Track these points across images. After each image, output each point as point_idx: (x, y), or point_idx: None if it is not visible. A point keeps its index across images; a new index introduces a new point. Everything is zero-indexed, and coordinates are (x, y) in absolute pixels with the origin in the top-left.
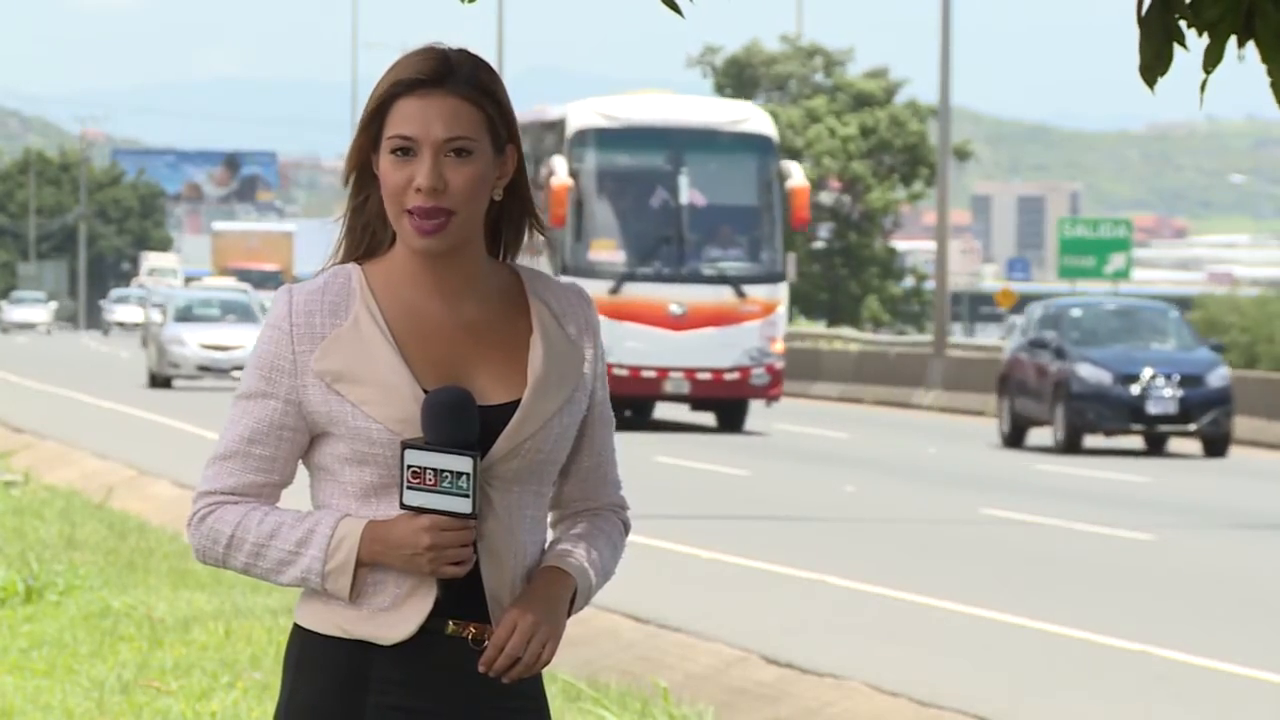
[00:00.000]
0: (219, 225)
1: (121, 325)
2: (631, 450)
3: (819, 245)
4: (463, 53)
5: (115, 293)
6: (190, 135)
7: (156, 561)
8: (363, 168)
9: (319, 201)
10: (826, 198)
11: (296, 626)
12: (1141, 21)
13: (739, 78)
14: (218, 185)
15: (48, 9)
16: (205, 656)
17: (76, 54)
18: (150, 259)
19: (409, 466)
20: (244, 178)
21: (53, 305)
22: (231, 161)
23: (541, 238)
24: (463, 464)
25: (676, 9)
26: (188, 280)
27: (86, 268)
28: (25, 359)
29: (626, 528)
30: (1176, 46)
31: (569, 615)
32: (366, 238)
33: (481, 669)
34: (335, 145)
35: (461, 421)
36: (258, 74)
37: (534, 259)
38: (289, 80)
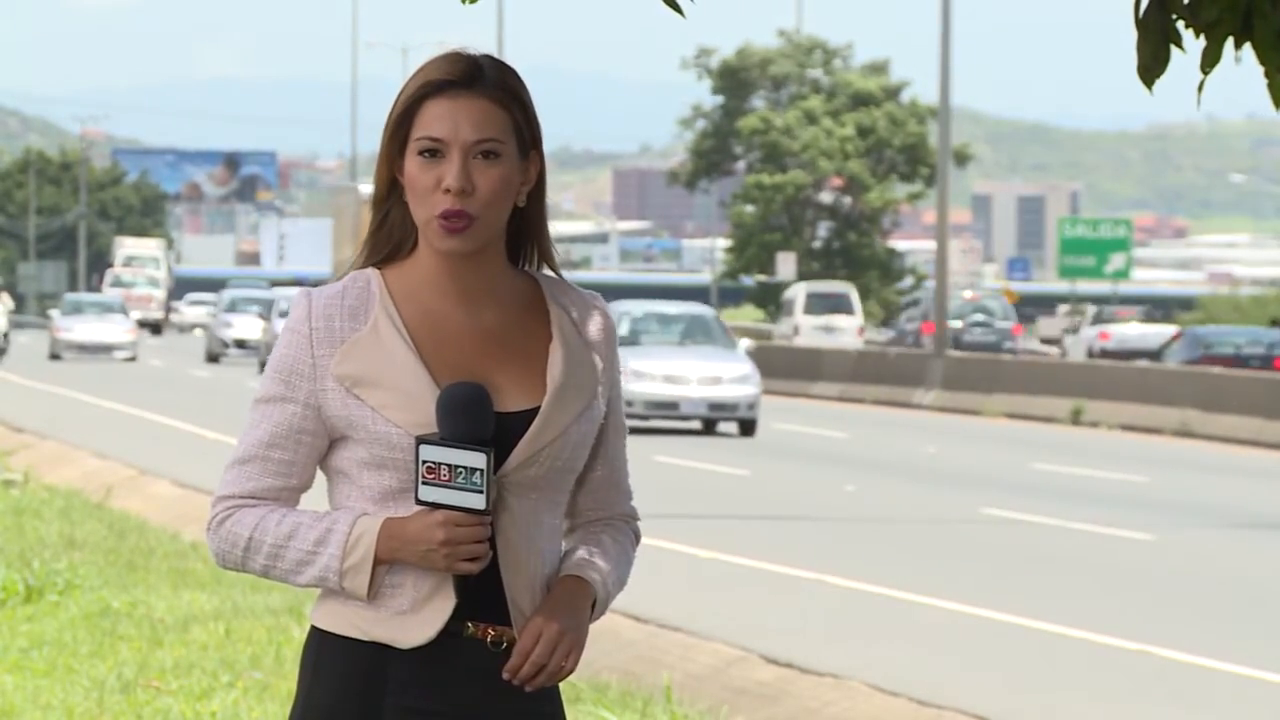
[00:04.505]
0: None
1: (242, 345)
2: (631, 450)
3: (818, 244)
4: (489, 58)
5: (228, 294)
6: (190, 135)
7: (156, 561)
8: (390, 183)
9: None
10: (826, 197)
11: (313, 628)
12: (1139, 22)
13: (734, 79)
14: (218, 185)
15: (48, 9)
16: (205, 656)
17: (76, 54)
18: (126, 245)
19: (423, 462)
20: (244, 177)
21: (135, 317)
22: (231, 161)
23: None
24: (476, 459)
25: (677, 8)
26: (176, 278)
27: (86, 268)
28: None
29: (637, 538)
30: (1175, 47)
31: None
32: (388, 245)
33: (506, 676)
34: (335, 145)
35: (476, 417)
36: (258, 74)
37: None
38: (289, 80)
